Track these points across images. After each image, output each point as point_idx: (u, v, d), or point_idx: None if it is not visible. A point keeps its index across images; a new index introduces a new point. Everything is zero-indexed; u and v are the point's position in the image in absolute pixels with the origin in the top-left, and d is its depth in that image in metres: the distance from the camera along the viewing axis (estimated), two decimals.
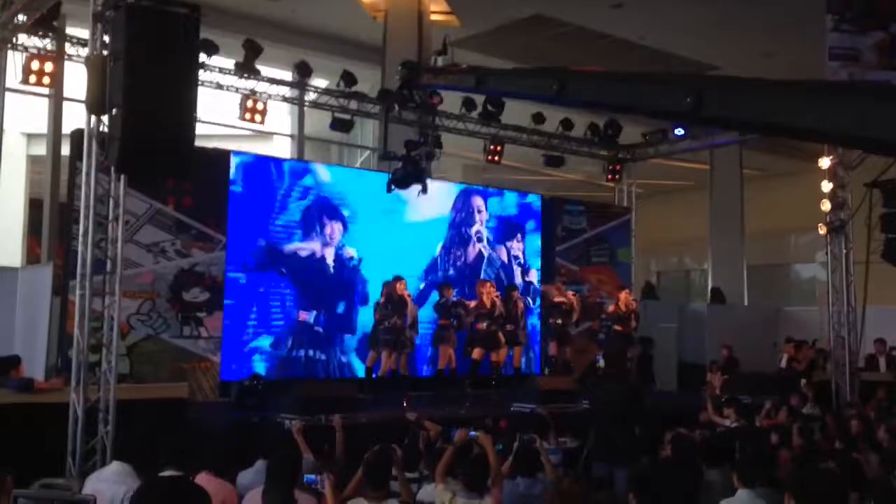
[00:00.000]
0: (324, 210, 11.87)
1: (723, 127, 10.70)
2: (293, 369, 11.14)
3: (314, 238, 11.74)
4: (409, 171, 8.81)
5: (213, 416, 8.66)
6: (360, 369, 11.68)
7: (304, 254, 11.61)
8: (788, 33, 13.34)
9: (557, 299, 13.10)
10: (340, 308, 11.92)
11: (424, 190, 9.87)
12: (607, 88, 5.01)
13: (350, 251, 12.03)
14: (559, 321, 12.82)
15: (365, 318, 11.74)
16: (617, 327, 12.98)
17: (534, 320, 13.60)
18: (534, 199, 14.55)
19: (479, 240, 13.53)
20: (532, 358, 13.49)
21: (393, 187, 8.74)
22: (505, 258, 13.79)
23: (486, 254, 13.58)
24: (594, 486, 5.96)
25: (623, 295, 13.34)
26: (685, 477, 5.81)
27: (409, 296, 11.01)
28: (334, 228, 11.91)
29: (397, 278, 11.09)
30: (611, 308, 13.38)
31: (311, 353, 11.50)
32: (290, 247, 11.50)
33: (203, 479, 5.23)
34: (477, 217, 13.56)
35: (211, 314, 10.46)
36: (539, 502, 5.41)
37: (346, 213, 12.05)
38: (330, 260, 11.85)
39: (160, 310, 10.08)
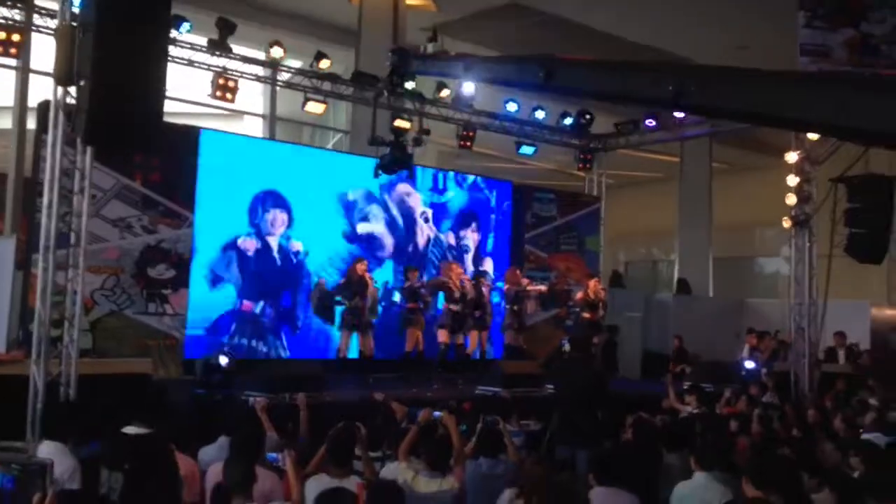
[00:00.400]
0: (270, 198, 11.67)
1: (705, 115, 10.80)
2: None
3: (259, 226, 11.59)
4: (397, 156, 8.89)
5: (176, 393, 8.60)
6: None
7: (249, 242, 11.46)
8: (762, 27, 13.48)
9: (531, 288, 13.12)
10: (286, 300, 11.81)
11: (412, 175, 9.98)
12: (594, 76, 5.11)
13: (296, 244, 11.86)
14: (515, 307, 12.82)
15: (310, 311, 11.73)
16: (585, 314, 13.05)
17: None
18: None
19: (426, 220, 13.41)
20: (491, 343, 13.47)
21: (380, 172, 8.85)
22: (453, 242, 13.74)
23: (432, 235, 13.49)
24: (557, 467, 6.02)
25: (592, 283, 13.41)
26: (644, 459, 5.94)
27: (370, 277, 10.97)
28: (278, 218, 11.73)
29: (358, 259, 11.06)
30: (579, 295, 13.45)
31: (253, 342, 11.34)
32: (238, 235, 11.37)
33: None
34: (409, 200, 13.23)
35: (176, 291, 10.38)
36: (501, 482, 5.44)
37: (293, 201, 11.85)
38: (275, 251, 11.71)
39: (125, 286, 9.98)
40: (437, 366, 11.28)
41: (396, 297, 12.04)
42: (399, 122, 12.08)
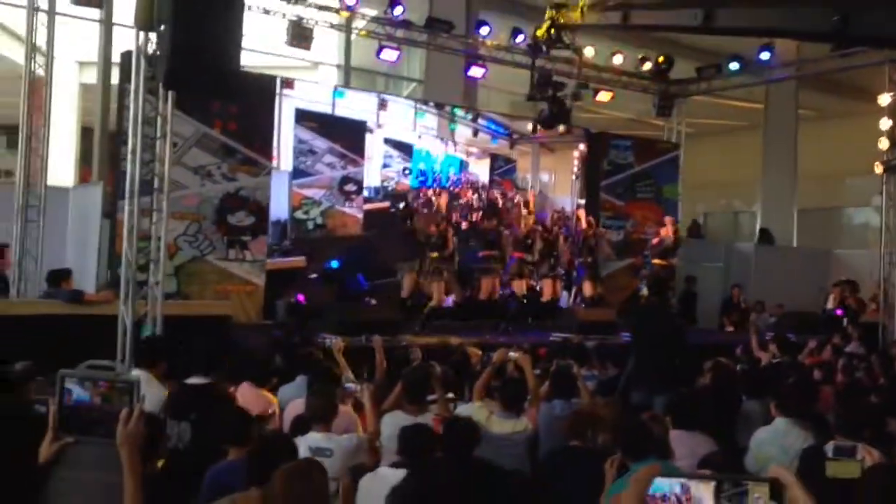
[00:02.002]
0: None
1: (871, 44, 10.27)
2: None
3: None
4: (555, 111, 8.93)
5: (255, 335, 8.82)
6: None
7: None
8: None
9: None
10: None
11: (570, 130, 9.91)
12: (753, 14, 5.07)
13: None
14: (590, 259, 12.59)
15: None
16: (657, 261, 12.71)
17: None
18: None
19: None
20: (566, 291, 13.38)
21: (538, 127, 8.97)
22: None
23: None
24: (632, 411, 5.97)
25: (664, 230, 12.98)
26: (723, 404, 5.84)
27: (451, 230, 10.94)
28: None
29: (435, 212, 11.08)
30: (654, 241, 13.10)
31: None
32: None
33: (245, 389, 5.39)
34: None
35: (255, 238, 10.57)
36: None
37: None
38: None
39: (206, 232, 10.21)
40: (513, 313, 11.26)
41: None
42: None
